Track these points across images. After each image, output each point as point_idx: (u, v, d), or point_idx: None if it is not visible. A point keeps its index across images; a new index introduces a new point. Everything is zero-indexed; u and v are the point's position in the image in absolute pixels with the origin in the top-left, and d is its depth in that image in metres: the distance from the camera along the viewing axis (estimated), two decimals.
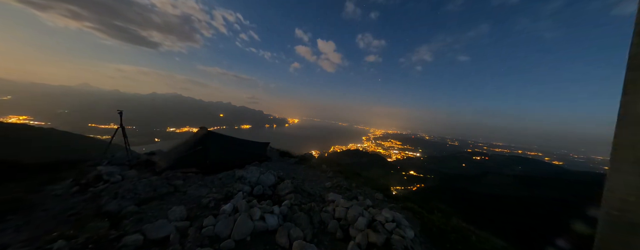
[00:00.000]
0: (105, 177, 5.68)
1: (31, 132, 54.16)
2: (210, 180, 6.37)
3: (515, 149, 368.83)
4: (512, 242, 5.78)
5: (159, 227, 3.46)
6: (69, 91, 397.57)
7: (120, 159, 7.80)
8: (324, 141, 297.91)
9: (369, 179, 9.19)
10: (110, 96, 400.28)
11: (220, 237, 3.58)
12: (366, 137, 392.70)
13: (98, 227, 3.39)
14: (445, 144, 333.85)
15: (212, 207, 4.69)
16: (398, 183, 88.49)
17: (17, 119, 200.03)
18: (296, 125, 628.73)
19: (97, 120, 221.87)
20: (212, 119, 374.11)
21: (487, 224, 38.84)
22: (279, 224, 4.09)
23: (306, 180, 7.70)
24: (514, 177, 77.45)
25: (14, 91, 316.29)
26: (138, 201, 4.70)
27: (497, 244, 5.11)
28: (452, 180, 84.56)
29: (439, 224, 5.19)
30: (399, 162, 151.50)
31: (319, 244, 3.96)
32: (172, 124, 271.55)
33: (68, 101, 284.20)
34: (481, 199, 53.09)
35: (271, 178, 6.30)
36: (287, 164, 10.07)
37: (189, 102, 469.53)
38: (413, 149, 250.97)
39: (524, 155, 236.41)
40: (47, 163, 7.19)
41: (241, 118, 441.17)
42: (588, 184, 58.39)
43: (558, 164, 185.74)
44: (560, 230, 32.82)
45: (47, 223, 3.80)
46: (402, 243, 3.93)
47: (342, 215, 4.66)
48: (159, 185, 5.43)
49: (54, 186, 5.37)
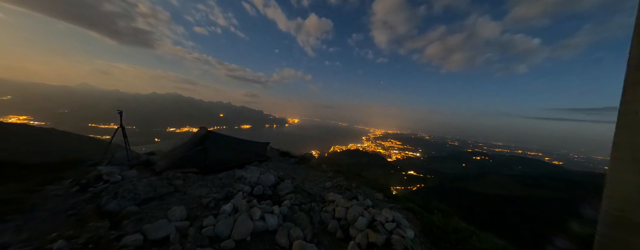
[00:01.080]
0: (105, 177, 5.67)
1: (31, 132, 54.17)
2: (210, 180, 6.37)
3: (515, 149, 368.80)
4: (512, 242, 5.76)
5: (159, 227, 3.45)
6: (69, 91, 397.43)
7: (120, 159, 7.79)
8: (324, 141, 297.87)
9: (369, 179, 9.19)
10: (110, 96, 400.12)
11: (221, 237, 3.57)
12: (366, 137, 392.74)
13: (98, 227, 3.39)
14: (445, 144, 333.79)
15: (212, 207, 4.68)
16: (398, 183, 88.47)
17: (17, 119, 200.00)
18: (296, 125, 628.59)
19: (97, 120, 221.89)
20: (212, 119, 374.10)
21: (487, 224, 38.82)
22: (279, 224, 4.09)
23: (306, 180, 7.69)
24: (514, 177, 77.42)
25: (14, 91, 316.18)
26: (138, 201, 4.69)
27: (497, 244, 5.10)
28: (452, 180, 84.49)
29: (439, 224, 5.19)
30: (399, 162, 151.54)
31: (319, 244, 3.95)
32: (172, 124, 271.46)
33: (68, 101, 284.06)
34: (481, 199, 53.11)
35: (271, 178, 6.29)
36: (287, 164, 10.07)
37: (189, 102, 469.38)
38: (413, 149, 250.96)
39: (524, 155, 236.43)
40: (47, 163, 7.19)
41: (241, 118, 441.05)
42: (588, 184, 58.36)
43: (558, 164, 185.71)
44: (560, 230, 32.81)
45: (47, 223, 3.80)
46: (402, 243, 3.92)
47: (342, 215, 4.66)
48: (159, 185, 5.42)
49: (54, 186, 5.37)
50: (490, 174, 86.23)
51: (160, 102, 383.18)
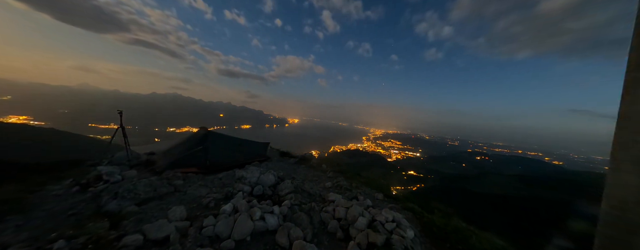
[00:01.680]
0: (105, 177, 5.68)
1: (31, 132, 54.23)
2: (210, 180, 6.37)
3: (515, 149, 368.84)
4: (512, 242, 5.77)
5: (159, 227, 3.46)
6: (69, 91, 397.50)
7: (120, 159, 7.80)
8: (324, 141, 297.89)
9: (369, 179, 9.19)
10: (110, 96, 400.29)
11: (221, 237, 3.58)
12: (366, 137, 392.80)
13: (98, 227, 3.39)
14: (445, 144, 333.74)
15: (212, 207, 4.69)
16: (398, 183, 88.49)
17: (17, 119, 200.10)
18: (296, 125, 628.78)
19: (97, 120, 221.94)
20: (212, 119, 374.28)
21: (487, 224, 38.81)
22: (279, 224, 4.09)
23: (306, 180, 7.70)
24: (513, 177, 77.44)
25: (14, 91, 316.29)
26: (138, 201, 4.69)
27: (497, 244, 5.10)
28: (452, 180, 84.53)
29: (439, 224, 5.19)
30: (399, 162, 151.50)
31: (319, 244, 3.96)
32: (172, 124, 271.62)
33: (68, 101, 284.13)
34: (481, 199, 53.09)
35: (271, 178, 6.30)
36: (287, 164, 10.07)
37: (189, 102, 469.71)
38: (413, 149, 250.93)
39: (524, 155, 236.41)
40: (47, 163, 7.19)
41: (241, 118, 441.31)
42: (588, 184, 58.37)
43: (558, 164, 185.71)
44: (560, 230, 32.80)
45: (47, 223, 3.80)
46: (402, 243, 3.92)
47: (342, 215, 4.66)
48: (159, 185, 5.43)
49: (54, 186, 5.36)
50: (490, 174, 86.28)
51: (160, 102, 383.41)
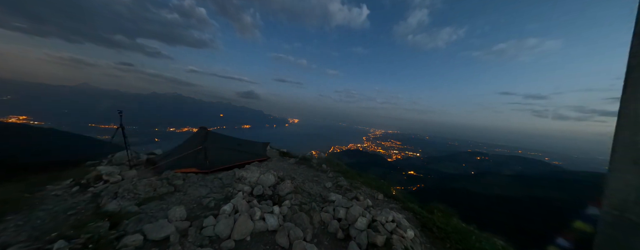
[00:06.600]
0: (105, 177, 5.68)
1: (31, 132, 54.24)
2: (210, 180, 6.37)
3: (515, 149, 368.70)
4: (512, 242, 5.77)
5: (159, 227, 3.46)
6: (69, 91, 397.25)
7: (120, 159, 7.80)
8: (324, 141, 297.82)
9: (369, 179, 9.18)
10: (110, 96, 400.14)
11: (221, 237, 3.58)
12: (366, 137, 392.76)
13: (98, 227, 3.39)
14: (445, 144, 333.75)
15: (212, 207, 4.68)
16: (398, 183, 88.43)
17: (17, 119, 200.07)
18: (296, 125, 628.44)
19: (97, 120, 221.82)
20: (212, 119, 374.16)
21: (487, 224, 38.72)
22: (279, 224, 4.09)
23: (306, 180, 7.69)
24: (513, 177, 77.42)
25: (14, 91, 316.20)
26: (138, 201, 4.69)
27: (497, 244, 5.11)
28: (452, 180, 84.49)
29: (439, 224, 5.19)
30: (399, 162, 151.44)
31: (319, 244, 3.96)
32: (172, 124, 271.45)
33: (68, 101, 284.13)
34: (481, 199, 53.07)
35: (271, 178, 6.29)
36: (287, 164, 10.06)
37: (189, 102, 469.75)
38: (413, 149, 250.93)
39: (523, 155, 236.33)
40: (47, 163, 7.19)
41: (241, 118, 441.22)
42: (588, 184, 58.36)
43: (558, 164, 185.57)
44: (560, 230, 32.79)
45: (47, 223, 3.80)
46: (402, 243, 3.92)
47: (342, 215, 4.66)
48: (159, 185, 5.43)
49: (54, 186, 5.37)
50: (490, 174, 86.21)
51: (160, 102, 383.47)
